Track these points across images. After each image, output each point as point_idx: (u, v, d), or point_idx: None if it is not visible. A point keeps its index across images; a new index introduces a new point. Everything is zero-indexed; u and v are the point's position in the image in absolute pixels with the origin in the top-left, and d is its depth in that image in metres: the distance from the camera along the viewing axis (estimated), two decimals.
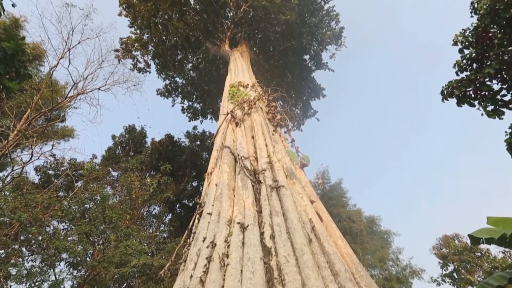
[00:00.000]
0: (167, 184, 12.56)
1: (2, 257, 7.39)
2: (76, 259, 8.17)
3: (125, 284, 9.39)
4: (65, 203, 9.17)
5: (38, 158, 11.41)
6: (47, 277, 7.52)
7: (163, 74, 15.07)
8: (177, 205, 14.94)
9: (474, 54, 6.04)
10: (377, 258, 17.06)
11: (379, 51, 62.27)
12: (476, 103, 6.10)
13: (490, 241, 3.36)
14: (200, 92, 15.84)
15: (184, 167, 14.88)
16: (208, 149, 15.16)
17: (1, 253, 7.54)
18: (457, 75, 6.32)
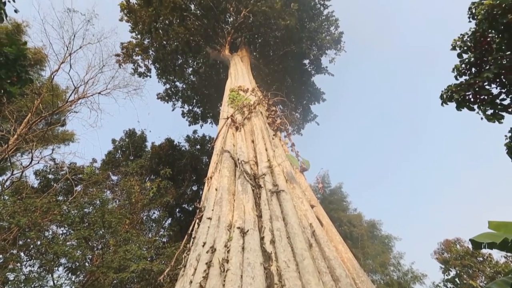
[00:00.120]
0: (167, 189, 12.54)
1: (0, 262, 7.33)
2: (75, 264, 8.11)
3: None
4: (65, 208, 9.14)
5: (38, 162, 11.42)
6: (45, 283, 7.45)
7: (164, 79, 15.14)
8: (177, 210, 14.88)
9: (473, 59, 6.08)
10: (378, 263, 16.92)
11: (378, 54, 62.66)
12: (476, 107, 6.12)
13: (492, 246, 3.34)
14: (200, 97, 15.90)
15: (184, 171, 14.87)
16: (208, 153, 15.15)
17: None
18: (456, 79, 6.35)
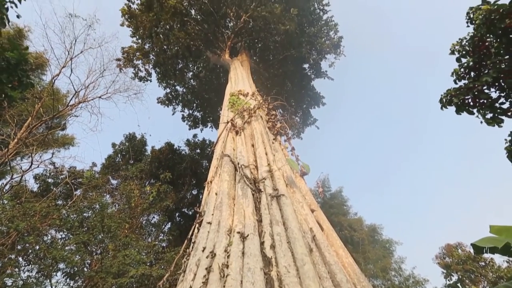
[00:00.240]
0: (167, 193, 12.50)
1: None
2: (73, 269, 8.04)
3: None
4: (64, 212, 9.10)
5: (38, 166, 11.39)
6: None
7: (164, 83, 15.21)
8: (177, 214, 14.81)
9: (472, 63, 6.11)
10: (380, 268, 16.79)
11: (377, 56, 63.11)
12: (475, 111, 6.13)
13: (494, 251, 3.32)
14: (201, 101, 15.95)
15: (184, 176, 14.83)
16: (208, 157, 15.14)
17: None
18: (455, 83, 6.37)
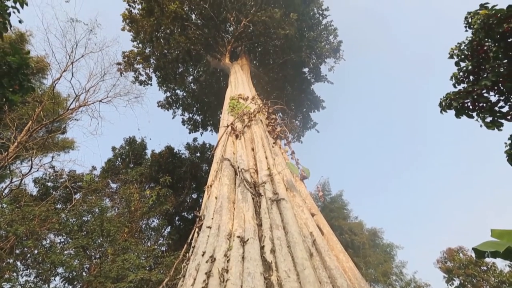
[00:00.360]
0: (167, 196, 12.45)
1: None
2: (72, 274, 7.98)
3: None
4: (63, 216, 9.06)
5: (38, 170, 11.38)
6: None
7: (164, 87, 15.27)
8: (176, 218, 14.75)
9: (471, 67, 6.14)
10: (380, 273, 16.65)
11: (376, 60, 63.39)
12: (475, 115, 6.14)
13: (496, 255, 3.30)
14: (201, 104, 15.99)
15: (184, 179, 14.80)
16: (208, 161, 15.13)
17: None
18: (455, 87, 6.39)
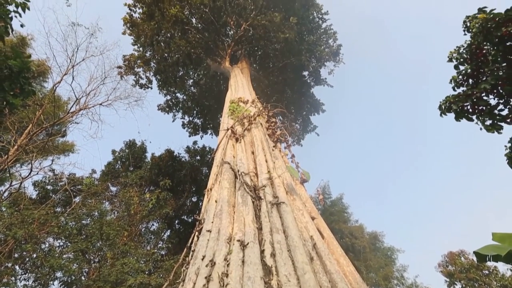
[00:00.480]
0: (166, 200, 12.42)
1: None
2: (71, 278, 7.93)
3: None
4: (62, 219, 9.03)
5: (37, 173, 11.36)
6: None
7: (165, 90, 15.32)
8: (176, 221, 14.68)
9: (470, 70, 6.16)
10: (381, 276, 16.54)
11: (376, 63, 63.75)
12: (474, 118, 6.15)
13: (497, 259, 3.27)
14: (201, 108, 16.03)
15: (184, 182, 14.77)
16: (208, 164, 15.11)
17: None
18: (454, 90, 6.41)
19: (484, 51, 5.87)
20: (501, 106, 5.87)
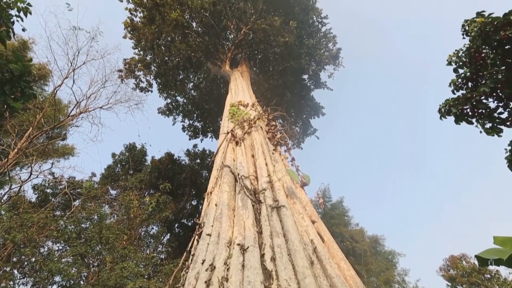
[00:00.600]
0: (166, 203, 12.38)
1: None
2: (69, 282, 7.87)
3: None
4: (61, 223, 8.99)
5: (37, 177, 11.34)
6: None
7: (165, 93, 15.36)
8: (176, 225, 14.62)
9: (469, 74, 6.19)
10: (383, 281, 16.41)
11: (376, 65, 63.95)
12: (474, 121, 6.16)
13: (499, 262, 3.24)
14: (201, 111, 16.06)
15: (184, 186, 14.74)
16: (208, 168, 15.10)
17: None
18: (454, 94, 6.43)
19: (483, 55, 5.90)
20: (501, 109, 5.88)
